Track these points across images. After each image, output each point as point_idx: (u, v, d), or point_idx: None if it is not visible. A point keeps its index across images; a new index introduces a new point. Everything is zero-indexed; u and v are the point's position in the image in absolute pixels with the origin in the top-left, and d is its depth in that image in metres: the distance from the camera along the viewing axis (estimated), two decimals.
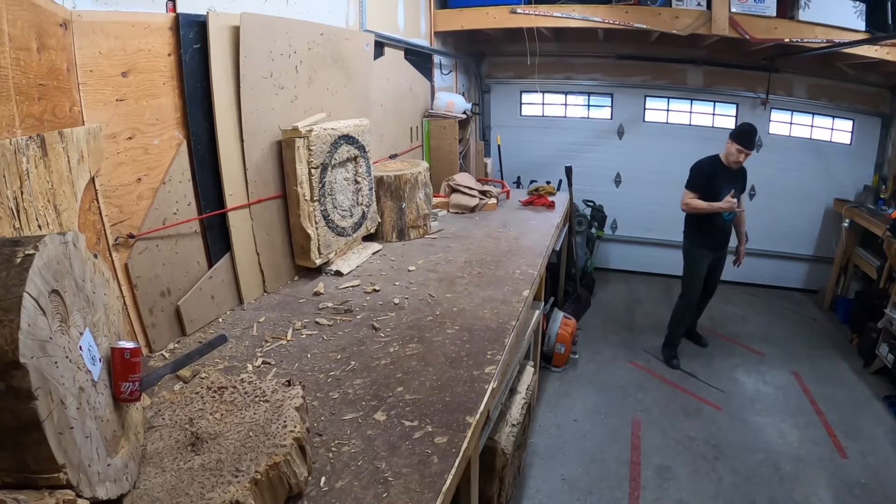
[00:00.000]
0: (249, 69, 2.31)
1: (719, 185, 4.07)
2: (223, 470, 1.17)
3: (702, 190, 4.15)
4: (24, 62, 1.42)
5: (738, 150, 3.97)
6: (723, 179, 4.09)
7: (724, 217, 4.21)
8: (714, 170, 4.13)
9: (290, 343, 2.08)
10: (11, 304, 0.85)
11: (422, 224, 3.43)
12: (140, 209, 1.94)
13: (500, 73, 6.60)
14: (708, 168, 4.16)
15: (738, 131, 4.09)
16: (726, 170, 4.11)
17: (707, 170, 4.16)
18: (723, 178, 4.10)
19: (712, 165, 4.15)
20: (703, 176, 4.15)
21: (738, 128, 4.20)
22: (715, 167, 4.13)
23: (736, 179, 4.16)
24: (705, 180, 4.14)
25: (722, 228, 4.31)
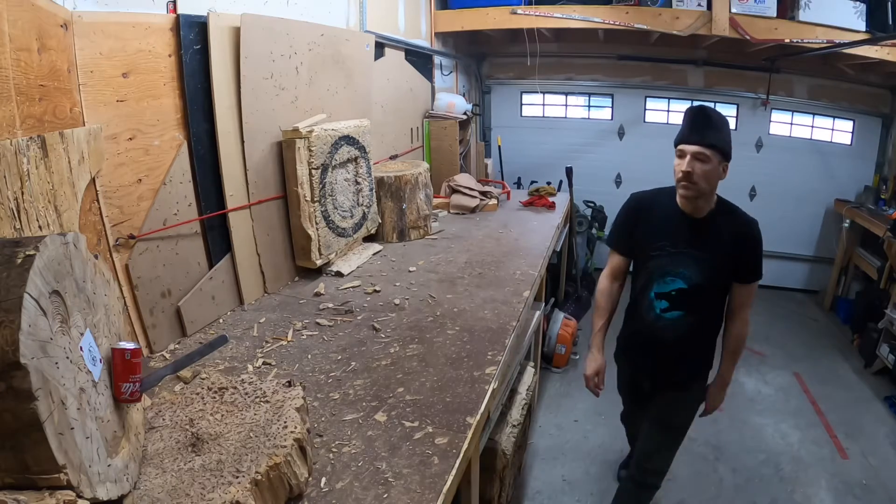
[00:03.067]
0: (250, 70, 2.31)
1: (658, 243, 2.12)
2: (224, 471, 1.17)
3: (625, 248, 2.26)
4: (24, 63, 1.42)
5: (678, 156, 2.00)
6: (669, 234, 2.09)
7: (658, 312, 2.16)
8: (655, 211, 2.14)
9: (291, 344, 2.08)
10: (12, 305, 0.85)
11: (422, 225, 3.43)
12: (141, 210, 1.94)
13: (501, 74, 6.60)
14: (641, 205, 2.19)
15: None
16: (680, 216, 2.07)
17: (638, 207, 2.20)
18: (670, 230, 2.09)
19: (654, 202, 2.16)
20: (627, 221, 2.22)
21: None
22: (659, 206, 2.14)
23: (699, 237, 2.05)
24: (628, 232, 2.21)
25: (658, 333, 2.19)
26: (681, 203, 2.04)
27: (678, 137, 1.98)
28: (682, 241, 2.06)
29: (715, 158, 1.92)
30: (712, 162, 1.92)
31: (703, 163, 1.92)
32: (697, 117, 1.96)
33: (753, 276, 2.06)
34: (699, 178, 1.92)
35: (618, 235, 2.24)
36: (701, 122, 1.94)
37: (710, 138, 1.91)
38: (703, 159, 1.91)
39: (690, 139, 1.93)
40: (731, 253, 2.01)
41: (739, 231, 2.02)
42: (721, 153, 1.94)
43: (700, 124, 1.94)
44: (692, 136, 1.93)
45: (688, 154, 1.93)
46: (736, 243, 2.01)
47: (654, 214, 2.11)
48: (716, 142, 1.92)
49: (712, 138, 1.92)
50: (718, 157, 1.93)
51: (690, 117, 1.97)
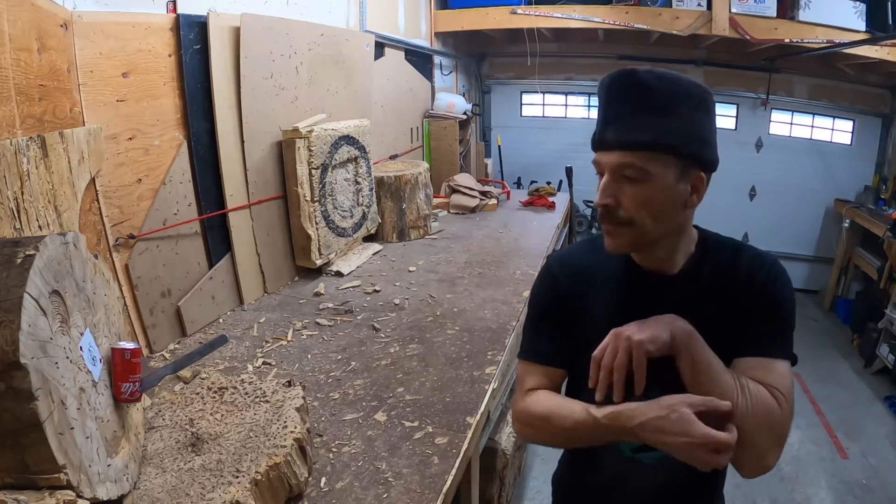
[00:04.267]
0: (250, 70, 2.31)
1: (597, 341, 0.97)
2: (223, 470, 1.17)
3: (554, 356, 1.12)
4: (24, 63, 1.42)
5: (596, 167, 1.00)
6: (627, 314, 0.99)
7: (628, 454, 1.09)
8: (598, 281, 1.10)
9: (291, 343, 2.08)
10: (12, 305, 0.85)
11: (422, 224, 3.43)
12: (140, 210, 1.94)
13: (501, 74, 6.60)
14: (569, 278, 1.12)
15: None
16: (639, 280, 1.06)
17: (563, 283, 1.12)
18: (627, 309, 1.01)
19: (592, 266, 1.11)
20: (548, 310, 1.13)
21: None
22: (603, 269, 1.10)
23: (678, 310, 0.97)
24: (554, 327, 1.11)
25: (629, 487, 1.13)
26: (640, 259, 1.06)
27: (592, 137, 1.01)
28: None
29: (664, 169, 0.93)
30: (656, 178, 0.93)
31: (634, 183, 0.94)
32: (623, 94, 0.96)
33: (770, 345, 0.98)
34: (634, 211, 0.95)
35: (535, 336, 1.14)
36: (629, 103, 0.94)
37: (645, 132, 0.92)
38: (636, 175, 0.94)
39: (605, 137, 0.96)
40: (735, 321, 0.99)
41: (744, 278, 1.01)
42: (680, 156, 0.94)
43: (627, 107, 0.94)
44: (608, 131, 0.96)
45: (605, 170, 0.97)
46: (739, 301, 1.00)
47: (597, 287, 1.09)
48: (659, 136, 0.92)
49: (649, 131, 0.92)
50: (675, 167, 0.94)
51: (610, 95, 0.98)
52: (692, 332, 0.93)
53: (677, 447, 0.86)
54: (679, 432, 0.86)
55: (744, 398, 0.91)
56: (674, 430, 0.86)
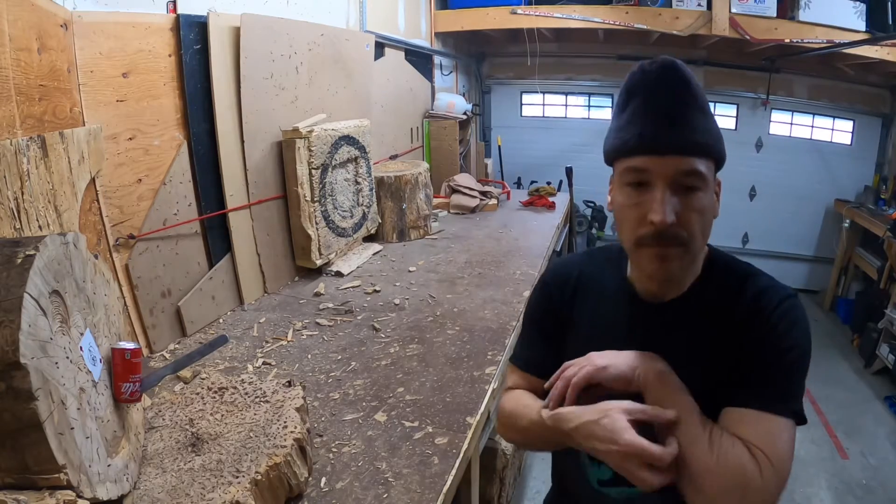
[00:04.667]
0: (250, 70, 2.31)
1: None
2: (224, 470, 1.17)
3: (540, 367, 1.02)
4: (24, 63, 1.42)
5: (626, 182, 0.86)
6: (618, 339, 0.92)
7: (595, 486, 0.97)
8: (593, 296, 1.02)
9: (291, 344, 2.08)
10: (12, 305, 0.85)
11: (422, 225, 3.43)
12: (140, 210, 1.94)
13: (501, 74, 6.60)
14: (569, 288, 1.05)
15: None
16: (635, 304, 0.95)
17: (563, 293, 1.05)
18: (620, 332, 0.94)
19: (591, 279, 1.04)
20: (543, 319, 1.08)
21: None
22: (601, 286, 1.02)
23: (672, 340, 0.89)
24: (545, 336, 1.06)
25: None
26: (640, 282, 0.95)
27: (622, 139, 0.86)
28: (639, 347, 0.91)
29: (710, 176, 0.85)
30: (708, 187, 0.84)
31: (692, 194, 0.82)
32: (671, 89, 0.83)
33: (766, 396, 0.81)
34: (693, 228, 0.83)
35: (528, 343, 1.11)
36: (678, 100, 0.83)
37: (700, 133, 0.82)
38: (696, 185, 0.82)
39: (661, 139, 0.81)
40: (732, 361, 0.84)
41: (749, 312, 0.85)
42: (718, 160, 0.86)
43: (677, 104, 0.82)
44: (664, 132, 0.81)
45: (657, 180, 0.82)
46: (739, 338, 0.85)
47: (589, 301, 1.02)
48: (709, 138, 0.84)
49: (702, 132, 0.83)
50: (713, 172, 0.86)
51: (655, 89, 0.84)
52: (664, 376, 0.83)
53: (606, 456, 0.79)
54: (607, 438, 0.78)
55: (710, 452, 0.76)
56: (603, 435, 0.79)
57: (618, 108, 0.89)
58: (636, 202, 0.84)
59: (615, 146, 0.88)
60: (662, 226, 0.80)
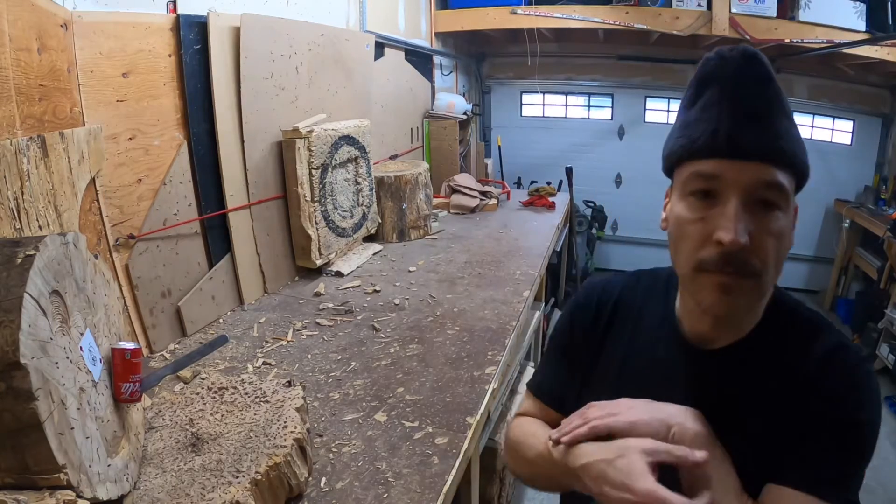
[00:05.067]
0: (250, 70, 2.31)
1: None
2: (223, 470, 1.17)
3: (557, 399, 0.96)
4: (24, 63, 1.42)
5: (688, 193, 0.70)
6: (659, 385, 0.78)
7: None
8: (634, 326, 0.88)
9: (291, 344, 2.08)
10: (12, 305, 0.85)
11: (422, 225, 3.43)
12: (140, 210, 1.94)
13: (501, 74, 6.60)
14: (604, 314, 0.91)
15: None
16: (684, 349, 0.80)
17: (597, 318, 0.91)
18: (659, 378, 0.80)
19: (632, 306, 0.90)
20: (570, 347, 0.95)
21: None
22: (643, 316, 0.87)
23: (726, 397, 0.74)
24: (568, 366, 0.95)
25: None
26: (691, 319, 0.80)
27: (690, 137, 0.70)
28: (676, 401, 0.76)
29: (791, 194, 0.70)
30: (789, 207, 0.70)
31: (770, 212, 0.68)
32: (754, 85, 0.69)
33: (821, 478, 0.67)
34: (768, 258, 0.69)
35: (548, 369, 1.01)
36: (763, 99, 0.69)
37: (787, 140, 0.69)
38: (777, 201, 0.68)
39: (742, 139, 0.66)
40: (787, 430, 0.70)
41: (814, 375, 0.71)
42: (802, 177, 0.72)
43: (762, 102, 0.69)
44: (746, 132, 0.66)
45: (730, 190, 0.67)
46: (799, 405, 0.70)
47: (629, 336, 0.88)
48: (797, 148, 0.70)
49: (789, 141, 0.69)
50: (793, 193, 0.71)
51: (735, 83, 0.68)
52: (705, 440, 0.67)
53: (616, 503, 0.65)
54: (621, 484, 0.64)
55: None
56: (616, 479, 0.64)
57: (686, 101, 0.73)
58: (701, 216, 0.67)
59: (680, 145, 0.70)
60: (733, 247, 0.64)
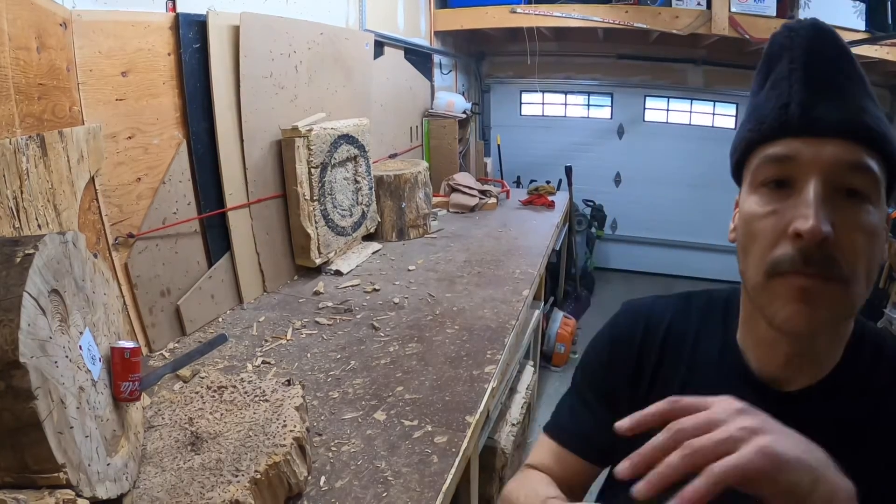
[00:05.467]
0: (249, 69, 2.31)
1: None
2: (223, 469, 1.17)
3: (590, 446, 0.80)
4: (23, 62, 1.42)
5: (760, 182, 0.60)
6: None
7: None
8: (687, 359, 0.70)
9: (290, 342, 2.08)
10: (11, 304, 0.85)
11: (421, 223, 3.43)
12: (140, 209, 1.94)
13: (500, 73, 6.60)
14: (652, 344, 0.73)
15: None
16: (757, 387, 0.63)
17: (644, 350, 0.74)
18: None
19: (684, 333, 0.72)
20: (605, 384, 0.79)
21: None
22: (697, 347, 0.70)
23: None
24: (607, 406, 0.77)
25: None
26: (761, 349, 0.64)
27: (757, 119, 0.63)
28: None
29: (882, 184, 0.56)
30: (880, 198, 0.56)
31: (861, 203, 0.55)
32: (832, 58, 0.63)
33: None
34: (857, 258, 0.54)
35: (569, 405, 0.90)
36: (842, 73, 0.60)
37: (872, 117, 0.56)
38: (864, 188, 0.55)
39: (817, 112, 0.55)
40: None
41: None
42: (890, 166, 0.57)
43: (841, 76, 0.59)
44: (822, 105, 0.56)
45: (808, 173, 0.54)
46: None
47: (682, 372, 0.71)
48: (884, 127, 0.56)
49: (875, 118, 0.56)
50: (885, 187, 0.57)
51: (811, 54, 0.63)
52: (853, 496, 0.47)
53: None
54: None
55: None
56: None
57: (755, 87, 0.65)
58: (774, 209, 0.55)
59: (747, 130, 0.61)
60: (813, 238, 0.50)
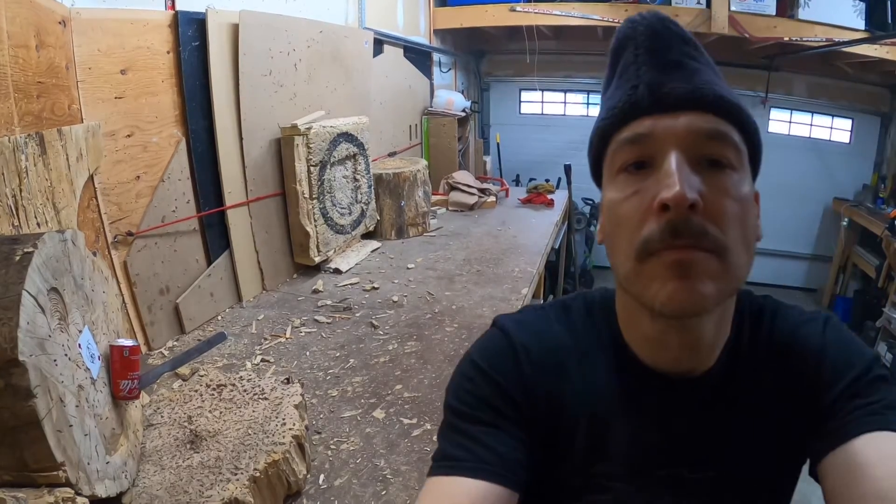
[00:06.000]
0: (248, 67, 2.30)
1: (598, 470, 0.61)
2: (222, 468, 1.17)
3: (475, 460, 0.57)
4: (22, 60, 1.42)
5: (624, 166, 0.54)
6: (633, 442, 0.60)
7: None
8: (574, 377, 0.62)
9: (289, 341, 2.08)
10: (10, 303, 0.85)
11: (421, 222, 3.43)
12: (139, 207, 1.93)
13: (500, 71, 6.59)
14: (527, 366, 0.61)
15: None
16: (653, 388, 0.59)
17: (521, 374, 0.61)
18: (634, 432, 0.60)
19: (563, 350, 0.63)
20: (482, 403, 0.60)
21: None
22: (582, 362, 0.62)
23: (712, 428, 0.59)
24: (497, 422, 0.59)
25: None
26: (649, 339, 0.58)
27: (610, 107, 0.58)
28: (666, 452, 0.60)
29: (743, 153, 0.56)
30: (744, 167, 0.55)
31: (723, 169, 0.52)
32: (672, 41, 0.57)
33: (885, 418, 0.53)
34: (728, 224, 0.50)
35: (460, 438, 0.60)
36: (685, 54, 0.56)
37: (722, 88, 0.57)
38: (724, 155, 0.53)
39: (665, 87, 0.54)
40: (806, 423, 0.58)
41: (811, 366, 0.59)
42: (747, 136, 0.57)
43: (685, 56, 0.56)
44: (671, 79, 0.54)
45: (665, 146, 0.52)
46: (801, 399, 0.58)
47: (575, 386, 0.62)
48: (734, 98, 0.57)
49: (725, 89, 0.57)
50: (746, 157, 0.56)
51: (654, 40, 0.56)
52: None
53: None
54: None
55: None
56: None
57: (605, 84, 0.64)
58: (636, 189, 0.52)
59: (599, 121, 0.59)
60: (680, 206, 0.47)
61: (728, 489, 0.59)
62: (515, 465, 0.57)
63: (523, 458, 0.58)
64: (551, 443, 0.61)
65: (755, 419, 0.59)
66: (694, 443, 0.59)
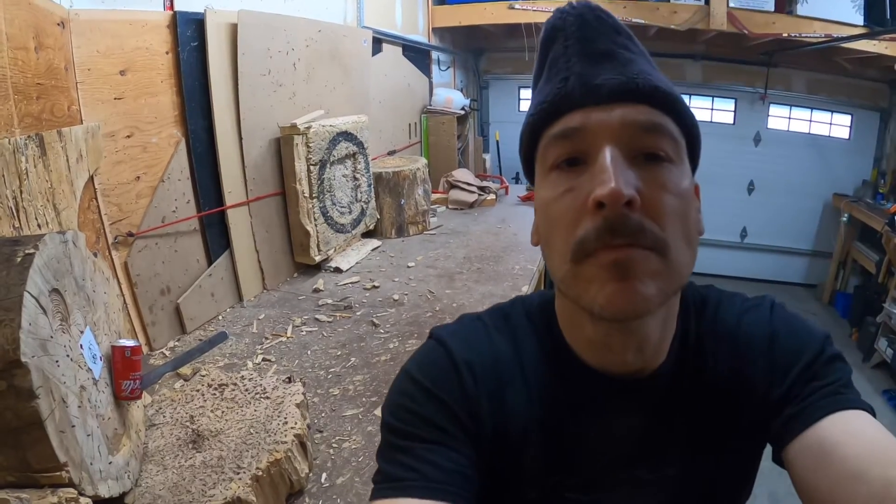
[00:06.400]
0: (247, 67, 2.30)
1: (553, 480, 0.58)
2: (224, 467, 1.18)
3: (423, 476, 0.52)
4: (22, 62, 1.42)
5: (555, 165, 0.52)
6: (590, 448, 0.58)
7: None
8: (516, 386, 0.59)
9: (290, 340, 2.09)
10: (12, 304, 0.86)
11: (420, 220, 3.43)
12: (139, 207, 1.94)
13: (499, 69, 6.59)
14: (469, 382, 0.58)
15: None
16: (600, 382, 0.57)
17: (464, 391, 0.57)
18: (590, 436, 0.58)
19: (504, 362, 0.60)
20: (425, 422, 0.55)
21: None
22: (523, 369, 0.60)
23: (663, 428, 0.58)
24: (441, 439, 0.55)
25: None
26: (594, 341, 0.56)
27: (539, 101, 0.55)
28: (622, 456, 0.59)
29: (681, 145, 0.53)
30: (682, 159, 0.53)
31: (659, 163, 0.50)
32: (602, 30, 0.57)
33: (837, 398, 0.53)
34: (667, 219, 0.49)
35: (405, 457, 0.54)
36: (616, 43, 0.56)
37: (657, 78, 0.53)
38: (660, 148, 0.50)
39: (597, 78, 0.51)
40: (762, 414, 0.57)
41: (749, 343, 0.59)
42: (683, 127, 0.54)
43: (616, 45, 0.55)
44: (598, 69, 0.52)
45: (599, 140, 0.49)
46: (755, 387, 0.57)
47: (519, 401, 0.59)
48: (669, 88, 0.53)
49: (659, 80, 0.53)
50: (684, 149, 0.54)
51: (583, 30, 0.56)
52: None
53: None
54: None
55: None
56: None
57: (534, 79, 0.61)
58: (569, 187, 0.51)
59: (529, 117, 0.57)
60: (616, 202, 0.46)
61: (689, 485, 0.59)
62: (464, 481, 0.54)
63: (472, 474, 0.55)
64: (502, 458, 0.58)
65: (710, 412, 0.58)
66: (650, 443, 0.58)
